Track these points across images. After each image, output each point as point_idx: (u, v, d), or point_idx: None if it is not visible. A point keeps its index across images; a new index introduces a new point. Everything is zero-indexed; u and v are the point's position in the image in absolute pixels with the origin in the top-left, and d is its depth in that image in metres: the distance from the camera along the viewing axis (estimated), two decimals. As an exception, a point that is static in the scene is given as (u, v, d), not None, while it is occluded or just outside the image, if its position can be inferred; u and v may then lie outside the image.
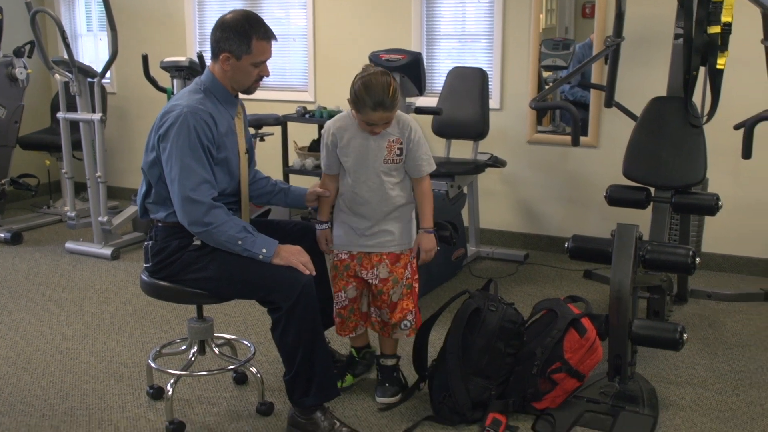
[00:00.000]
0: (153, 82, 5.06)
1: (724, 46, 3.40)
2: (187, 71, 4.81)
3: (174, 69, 4.82)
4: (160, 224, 2.75)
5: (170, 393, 2.84)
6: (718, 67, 3.42)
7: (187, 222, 2.60)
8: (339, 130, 2.89)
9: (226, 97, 2.75)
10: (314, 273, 2.67)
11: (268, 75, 2.75)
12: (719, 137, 4.34)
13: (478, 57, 5.24)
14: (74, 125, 5.27)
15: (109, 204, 5.54)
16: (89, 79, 5.10)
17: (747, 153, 3.35)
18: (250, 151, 2.96)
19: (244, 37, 2.62)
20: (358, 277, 2.98)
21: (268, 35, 2.67)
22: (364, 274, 2.97)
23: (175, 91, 4.87)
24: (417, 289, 3.01)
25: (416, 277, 3.00)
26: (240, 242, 2.61)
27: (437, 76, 5.34)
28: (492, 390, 2.90)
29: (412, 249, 2.98)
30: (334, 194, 2.98)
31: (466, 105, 4.74)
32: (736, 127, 3.59)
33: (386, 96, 2.70)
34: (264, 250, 2.62)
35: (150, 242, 2.78)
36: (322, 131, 2.96)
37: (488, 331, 2.89)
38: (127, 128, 6.72)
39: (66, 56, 4.97)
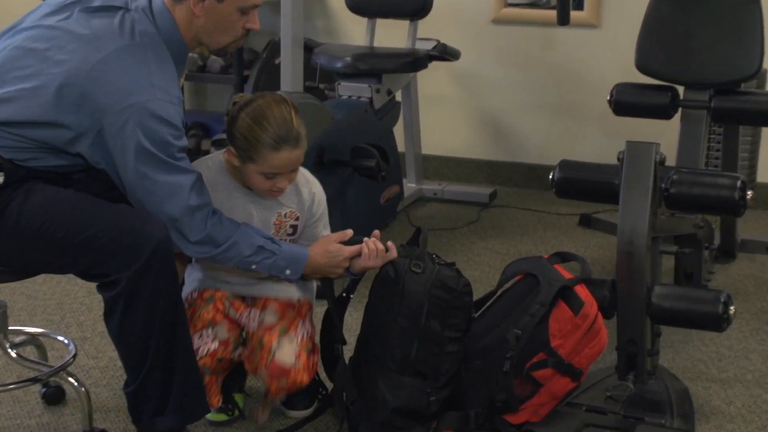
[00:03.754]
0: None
1: None
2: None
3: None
4: None
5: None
6: None
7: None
8: (207, 183, 2.77)
9: (181, 56, 2.78)
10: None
11: (257, 28, 2.82)
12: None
13: None
14: None
15: None
16: None
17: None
18: None
19: None
20: (229, 317, 2.97)
21: None
22: (236, 315, 2.95)
23: None
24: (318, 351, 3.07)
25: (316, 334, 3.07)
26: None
27: None
28: (432, 395, 2.91)
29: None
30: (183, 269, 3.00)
31: (397, -36, 4.75)
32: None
33: (291, 126, 2.74)
34: (288, 272, 2.81)
35: None
36: None
37: (412, 304, 2.88)
38: None
39: None
